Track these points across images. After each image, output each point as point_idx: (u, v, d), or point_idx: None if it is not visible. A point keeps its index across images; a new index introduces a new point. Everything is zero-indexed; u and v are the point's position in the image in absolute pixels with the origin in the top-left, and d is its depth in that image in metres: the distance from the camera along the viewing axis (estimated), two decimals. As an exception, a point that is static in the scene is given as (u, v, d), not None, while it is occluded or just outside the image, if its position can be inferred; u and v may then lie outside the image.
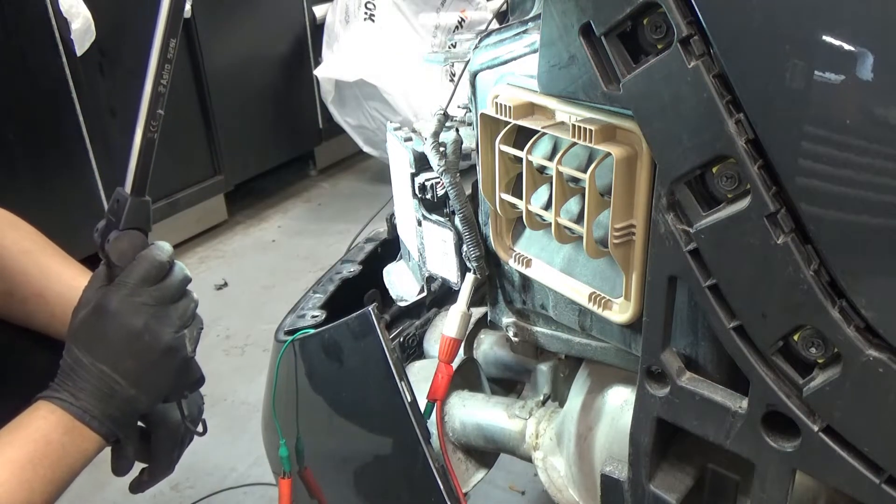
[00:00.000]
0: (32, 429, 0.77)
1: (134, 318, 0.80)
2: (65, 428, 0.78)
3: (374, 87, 2.86)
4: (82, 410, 0.78)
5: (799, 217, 0.58)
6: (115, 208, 0.82)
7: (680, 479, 0.80)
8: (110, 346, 0.80)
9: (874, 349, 0.57)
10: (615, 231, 0.71)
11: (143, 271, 0.81)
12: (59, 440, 0.77)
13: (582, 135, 0.70)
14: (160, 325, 0.81)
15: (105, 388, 0.79)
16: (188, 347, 0.84)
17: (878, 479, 0.60)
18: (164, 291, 0.82)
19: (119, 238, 0.81)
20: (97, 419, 0.79)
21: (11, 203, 1.05)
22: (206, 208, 2.92)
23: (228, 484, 1.69)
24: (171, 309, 0.83)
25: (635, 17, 0.61)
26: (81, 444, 0.79)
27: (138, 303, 0.80)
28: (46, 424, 0.77)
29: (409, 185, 1.04)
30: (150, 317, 0.81)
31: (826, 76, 0.53)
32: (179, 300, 0.84)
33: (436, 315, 1.35)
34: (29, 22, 2.11)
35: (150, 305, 0.81)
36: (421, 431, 0.96)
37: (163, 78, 0.77)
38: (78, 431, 0.79)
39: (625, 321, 0.77)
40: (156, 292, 0.81)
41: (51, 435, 0.77)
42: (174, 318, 0.83)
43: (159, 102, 0.78)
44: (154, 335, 0.81)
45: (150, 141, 0.79)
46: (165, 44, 0.77)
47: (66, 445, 0.77)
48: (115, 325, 0.80)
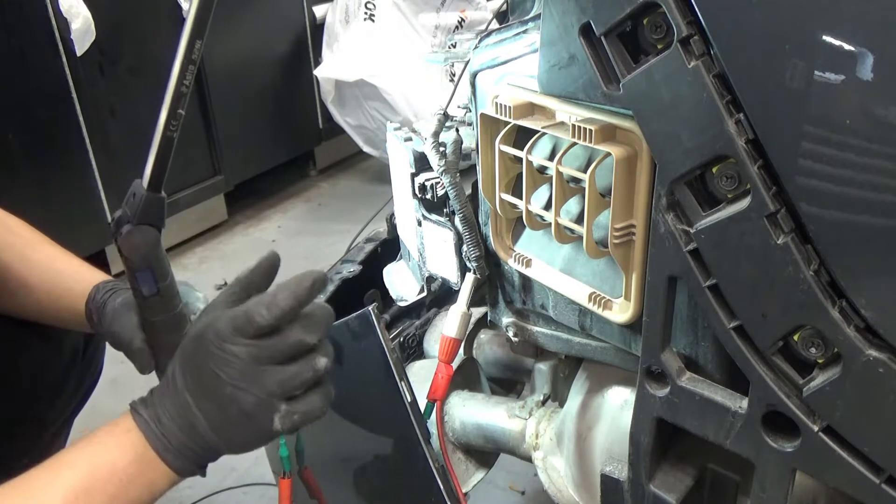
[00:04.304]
0: (102, 450, 0.70)
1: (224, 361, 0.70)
2: (136, 455, 0.70)
3: (374, 87, 2.86)
4: (160, 438, 0.70)
5: (799, 217, 0.58)
6: (131, 201, 0.82)
7: (680, 479, 0.80)
8: (198, 378, 0.71)
9: (874, 349, 0.57)
10: (615, 231, 0.71)
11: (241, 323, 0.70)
12: (125, 469, 0.69)
13: (582, 135, 0.70)
14: (247, 383, 0.70)
15: (187, 421, 0.71)
16: (276, 422, 0.72)
17: (878, 479, 0.60)
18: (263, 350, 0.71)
19: (131, 233, 0.81)
20: (172, 451, 0.71)
21: (11, 203, 1.06)
22: (206, 208, 2.91)
23: (228, 484, 1.69)
24: (271, 371, 0.70)
25: (635, 17, 0.61)
26: (150, 475, 0.71)
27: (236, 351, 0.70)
28: (117, 447, 0.70)
29: (409, 185, 1.04)
30: (240, 370, 0.70)
31: (826, 76, 0.53)
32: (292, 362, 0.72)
33: (436, 315, 1.35)
34: (29, 22, 2.11)
35: (239, 359, 0.70)
36: (421, 431, 0.96)
37: (186, 78, 0.77)
38: (150, 462, 0.70)
39: (625, 321, 0.77)
40: (252, 347, 0.70)
41: (118, 463, 0.69)
42: (269, 383, 0.70)
43: (181, 102, 0.78)
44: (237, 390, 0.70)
45: (170, 139, 0.79)
46: (191, 45, 0.76)
47: (132, 476, 0.70)
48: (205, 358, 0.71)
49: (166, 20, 2.49)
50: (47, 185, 2.24)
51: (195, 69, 0.78)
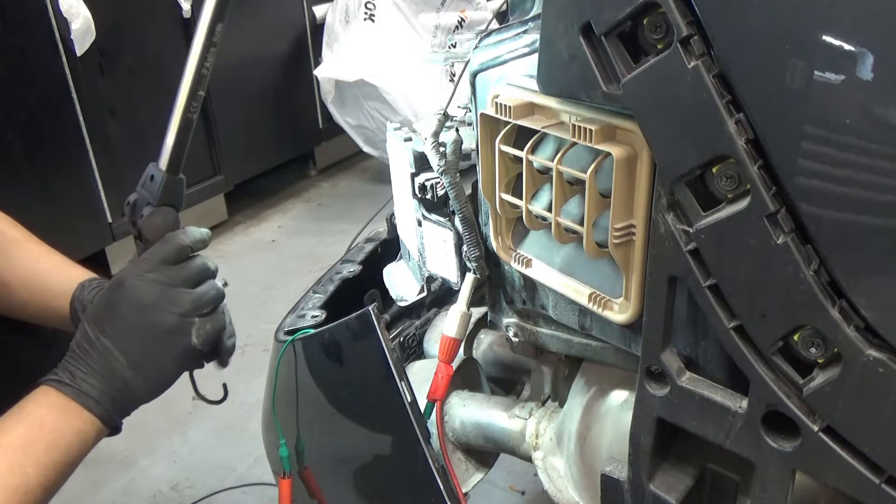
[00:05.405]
0: (26, 412, 0.76)
1: (143, 291, 0.79)
2: (59, 409, 0.76)
3: (374, 87, 2.86)
4: (78, 390, 0.77)
5: (799, 217, 0.58)
6: (148, 184, 0.82)
7: (680, 479, 0.80)
8: (116, 319, 0.79)
9: (874, 349, 0.57)
10: (615, 231, 0.71)
11: (164, 251, 0.80)
12: (53, 422, 0.75)
13: (582, 135, 0.70)
14: (167, 303, 0.79)
15: (106, 366, 0.78)
16: (193, 337, 0.81)
17: (878, 479, 0.60)
18: (181, 273, 0.81)
19: (153, 214, 0.82)
20: (93, 399, 0.77)
21: (11, 203, 1.06)
22: (206, 208, 2.92)
23: (228, 484, 1.69)
24: (185, 292, 0.81)
25: (635, 17, 0.61)
26: (77, 424, 0.76)
27: (150, 278, 0.79)
28: (40, 407, 0.76)
29: (409, 185, 1.04)
30: (159, 294, 0.79)
31: (826, 76, 0.53)
32: (197, 286, 0.82)
33: (436, 315, 1.35)
34: (29, 22, 2.11)
35: (161, 283, 0.79)
36: (421, 431, 0.96)
37: (207, 60, 0.79)
38: (73, 412, 0.77)
39: (625, 321, 0.77)
40: (170, 272, 0.80)
41: (45, 417, 0.75)
42: (186, 301, 0.81)
43: (201, 84, 0.80)
44: (158, 311, 0.79)
45: (189, 121, 0.81)
46: (212, 27, 0.77)
47: (60, 427, 0.75)
48: (124, 297, 0.79)
49: (166, 20, 2.50)
50: (47, 185, 2.24)
51: (216, 51, 0.79)
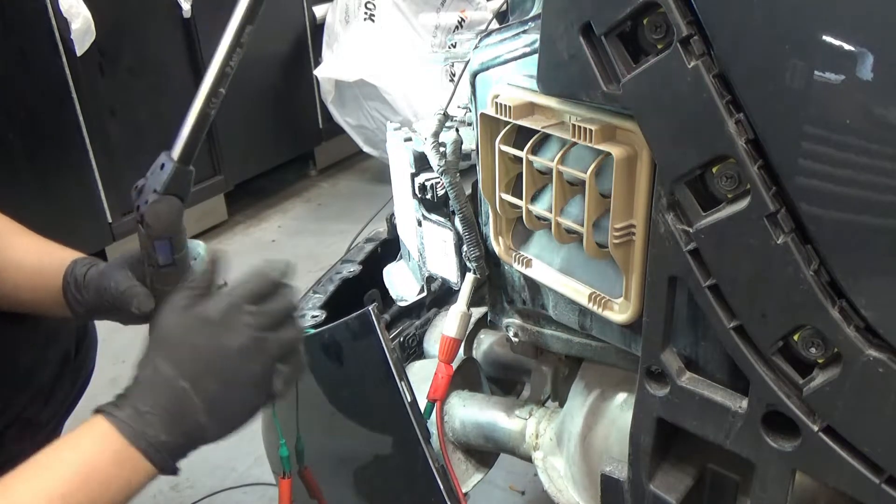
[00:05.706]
0: (79, 452, 0.68)
1: (233, 336, 0.71)
2: (113, 455, 0.68)
3: (374, 87, 2.86)
4: (139, 433, 0.69)
5: (799, 217, 0.58)
6: (157, 171, 0.82)
7: (680, 479, 0.80)
8: (199, 360, 0.70)
9: (874, 349, 0.57)
10: (615, 231, 0.71)
11: (254, 287, 0.73)
12: (105, 470, 0.68)
13: (582, 135, 0.70)
14: (256, 352, 0.71)
15: (179, 409, 0.69)
16: (276, 385, 0.74)
17: (878, 479, 0.60)
18: (270, 316, 0.73)
19: (158, 201, 0.80)
20: (154, 446, 0.69)
21: (11, 203, 1.06)
22: (206, 208, 2.91)
23: (228, 484, 1.69)
24: (272, 337, 0.73)
25: (635, 16, 0.61)
26: (130, 475, 0.69)
27: (241, 322, 0.71)
28: (94, 448, 0.68)
29: (409, 185, 1.04)
30: (248, 339, 0.71)
31: (826, 76, 0.53)
32: (282, 328, 0.74)
33: (436, 315, 1.35)
34: (29, 22, 2.11)
35: (250, 327, 0.71)
36: (421, 431, 0.96)
37: (232, 60, 0.78)
38: (129, 461, 0.69)
39: (625, 321, 0.77)
40: (260, 315, 0.72)
41: (96, 462, 0.68)
42: (274, 348, 0.72)
43: (223, 82, 0.79)
44: (245, 361, 0.71)
45: (207, 115, 0.79)
46: (241, 29, 0.77)
47: (111, 476, 0.68)
48: (210, 338, 0.71)
49: (166, 20, 2.49)
50: (47, 185, 2.24)
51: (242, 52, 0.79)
